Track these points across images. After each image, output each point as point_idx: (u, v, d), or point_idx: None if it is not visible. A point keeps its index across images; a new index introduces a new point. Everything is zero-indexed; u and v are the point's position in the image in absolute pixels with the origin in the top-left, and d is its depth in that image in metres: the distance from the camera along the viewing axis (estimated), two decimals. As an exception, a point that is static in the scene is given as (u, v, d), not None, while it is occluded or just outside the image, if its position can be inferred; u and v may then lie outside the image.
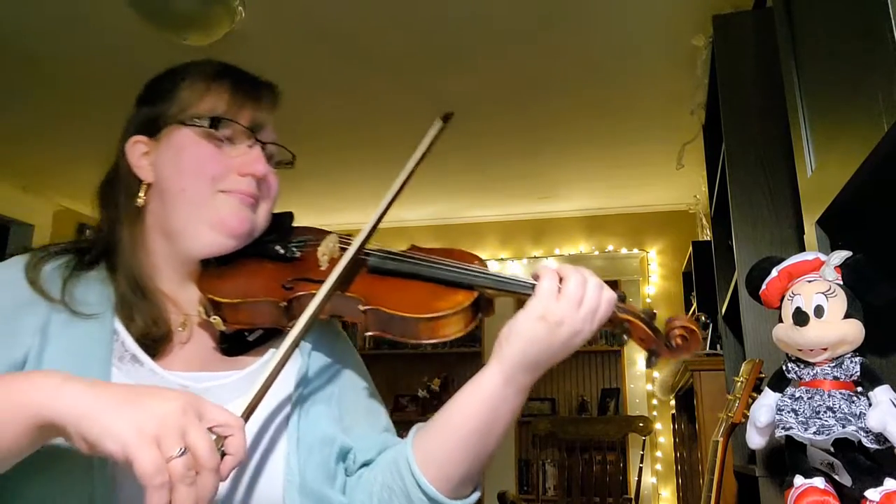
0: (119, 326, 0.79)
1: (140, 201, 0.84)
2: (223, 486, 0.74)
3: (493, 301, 0.80)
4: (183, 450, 0.56)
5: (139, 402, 0.59)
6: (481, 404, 0.77)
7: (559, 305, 0.74)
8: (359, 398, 0.92)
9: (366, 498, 0.83)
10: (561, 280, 0.76)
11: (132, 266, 0.82)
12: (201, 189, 0.81)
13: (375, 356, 4.82)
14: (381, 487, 0.81)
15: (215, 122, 0.82)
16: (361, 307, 0.78)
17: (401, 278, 0.81)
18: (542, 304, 0.75)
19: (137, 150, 0.85)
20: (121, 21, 2.34)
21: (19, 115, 3.23)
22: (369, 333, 0.79)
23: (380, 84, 2.92)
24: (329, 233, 0.89)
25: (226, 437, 0.61)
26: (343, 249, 0.83)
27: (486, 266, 0.83)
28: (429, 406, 5.66)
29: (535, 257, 4.82)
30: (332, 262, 0.82)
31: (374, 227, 0.83)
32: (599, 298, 0.76)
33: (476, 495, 0.82)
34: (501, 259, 4.87)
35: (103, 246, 0.85)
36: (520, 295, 0.79)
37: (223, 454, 0.60)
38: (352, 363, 0.95)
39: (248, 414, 0.67)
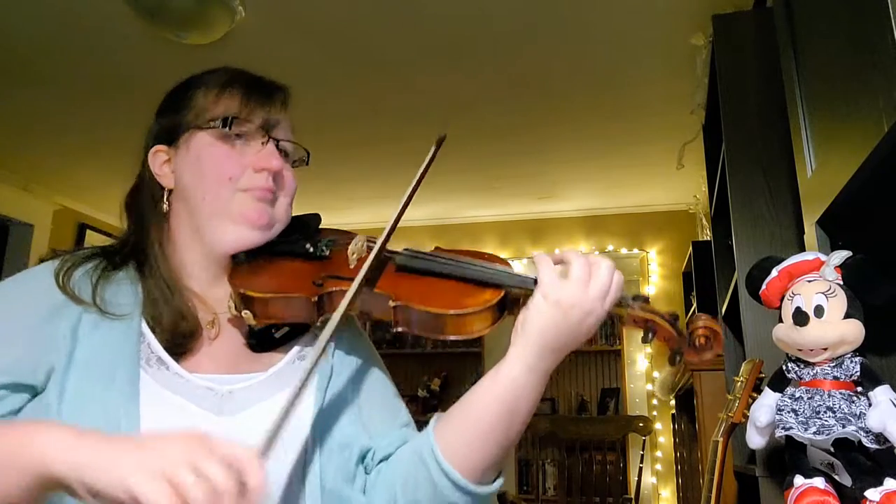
0: (145, 329, 0.81)
1: (164, 207, 0.88)
2: None
3: (519, 300, 0.81)
4: (195, 480, 0.54)
5: (142, 446, 0.58)
6: (503, 393, 0.78)
7: (567, 288, 0.76)
8: (378, 396, 0.93)
9: (387, 492, 0.83)
10: (566, 264, 0.79)
11: (162, 266, 0.86)
12: (221, 191, 0.85)
13: (375, 356, 4.81)
14: (406, 479, 0.82)
15: (228, 122, 0.86)
16: (391, 303, 0.80)
17: (429, 276, 0.84)
18: (549, 289, 0.77)
19: (159, 160, 0.89)
20: (120, 20, 2.34)
21: (19, 115, 3.23)
22: (398, 329, 0.81)
23: (379, 83, 2.92)
24: (356, 234, 0.92)
25: (242, 471, 0.57)
26: (371, 248, 0.86)
27: (511, 267, 0.84)
28: (429, 406, 5.66)
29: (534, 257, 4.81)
30: (361, 261, 0.84)
31: (397, 221, 0.85)
32: (609, 278, 0.77)
33: (500, 482, 0.83)
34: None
35: (131, 249, 0.88)
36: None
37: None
38: (373, 362, 0.96)
39: (268, 444, 0.64)
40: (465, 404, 0.80)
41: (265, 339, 0.88)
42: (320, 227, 0.97)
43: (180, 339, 0.82)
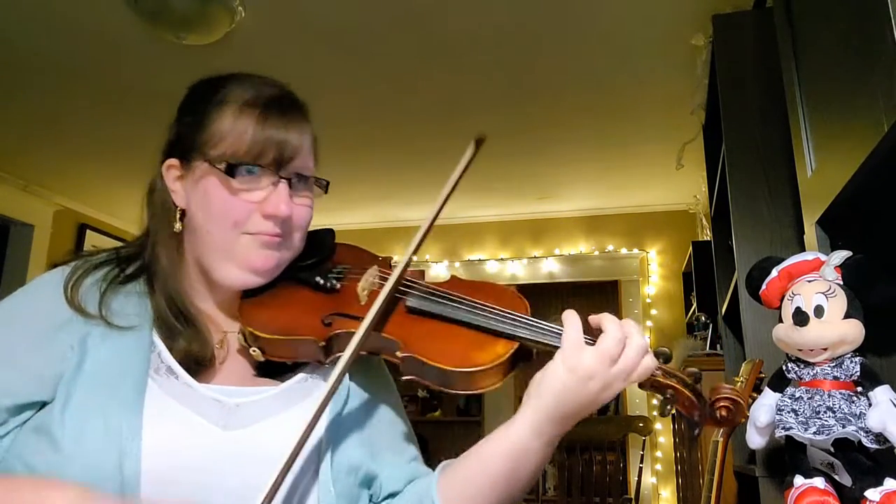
0: (157, 339, 0.81)
1: (177, 227, 0.86)
2: None
3: (532, 352, 0.78)
4: None
5: None
6: (508, 452, 0.76)
7: (590, 358, 0.73)
8: (389, 427, 0.92)
9: None
10: (601, 331, 0.74)
11: (170, 289, 0.84)
12: (225, 234, 0.82)
13: (375, 356, 4.80)
14: None
15: (232, 169, 0.81)
16: (400, 353, 0.77)
17: (440, 321, 0.80)
18: (570, 355, 0.73)
19: (172, 175, 0.87)
20: (120, 21, 2.34)
21: (19, 116, 3.23)
22: (405, 378, 0.78)
23: (379, 84, 2.91)
24: (371, 259, 0.89)
25: None
26: (383, 284, 0.82)
27: (528, 308, 0.80)
28: (428, 406, 5.65)
29: (534, 257, 4.81)
30: (372, 297, 0.81)
31: (407, 265, 0.82)
32: (637, 362, 0.73)
33: None
34: (501, 259, 4.86)
35: (144, 263, 0.87)
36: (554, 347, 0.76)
37: None
38: (388, 396, 0.94)
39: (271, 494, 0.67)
40: (470, 457, 0.80)
41: (272, 367, 0.86)
42: (335, 242, 0.93)
43: (192, 362, 0.81)
